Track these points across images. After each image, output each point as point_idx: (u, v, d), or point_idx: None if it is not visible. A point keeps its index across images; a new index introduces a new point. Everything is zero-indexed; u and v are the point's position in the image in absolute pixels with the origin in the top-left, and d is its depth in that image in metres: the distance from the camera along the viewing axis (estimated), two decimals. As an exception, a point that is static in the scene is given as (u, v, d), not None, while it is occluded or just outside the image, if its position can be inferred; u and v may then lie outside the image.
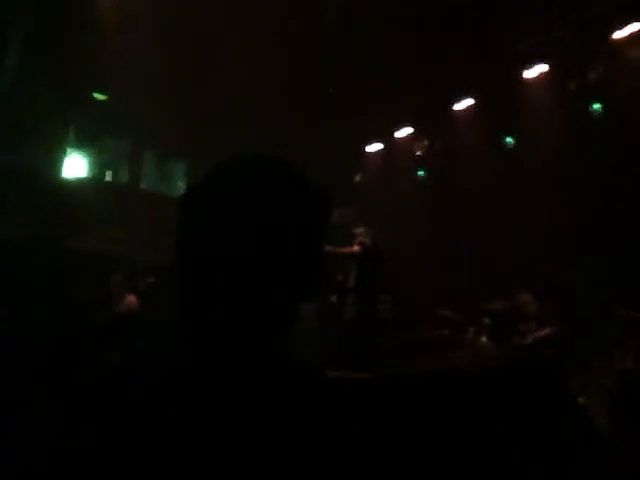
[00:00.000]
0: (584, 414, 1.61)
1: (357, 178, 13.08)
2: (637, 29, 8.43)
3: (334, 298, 8.33)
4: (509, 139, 10.25)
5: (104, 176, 11.34)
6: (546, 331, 6.52)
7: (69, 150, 10.40)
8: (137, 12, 8.73)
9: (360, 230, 7.80)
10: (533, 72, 9.69)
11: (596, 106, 8.87)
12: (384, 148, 12.91)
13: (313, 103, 10.25)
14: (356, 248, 7.64)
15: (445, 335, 7.37)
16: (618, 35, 8.60)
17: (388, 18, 8.65)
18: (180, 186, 12.12)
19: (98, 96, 10.35)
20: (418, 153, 11.88)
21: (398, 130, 12.29)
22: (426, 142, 11.72)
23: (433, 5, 8.37)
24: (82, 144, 10.56)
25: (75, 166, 10.57)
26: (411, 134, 12.16)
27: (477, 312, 7.67)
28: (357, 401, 1.03)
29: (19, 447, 0.90)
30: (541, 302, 7.22)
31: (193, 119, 10.44)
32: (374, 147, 13.08)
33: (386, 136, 12.59)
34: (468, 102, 10.84)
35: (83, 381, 0.95)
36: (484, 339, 6.31)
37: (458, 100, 10.91)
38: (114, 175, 11.55)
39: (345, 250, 7.66)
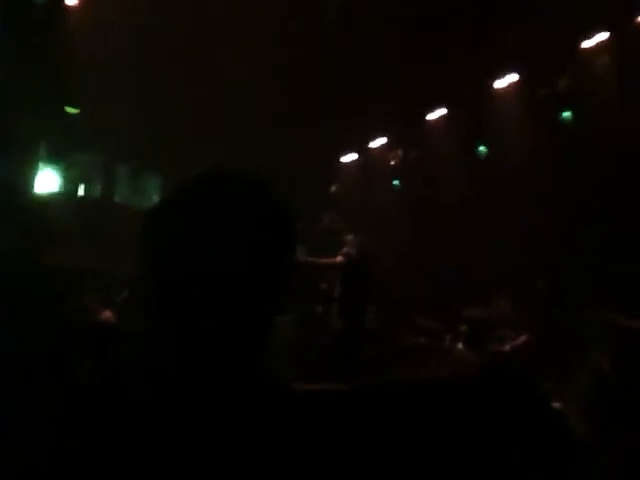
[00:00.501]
0: (560, 420, 1.62)
1: (333, 188, 13.10)
2: (605, 38, 8.61)
3: (320, 308, 8.26)
4: (482, 148, 10.37)
5: (77, 191, 11.23)
6: (523, 338, 6.56)
7: (41, 165, 10.28)
8: (108, 25, 8.68)
9: (349, 237, 7.72)
10: (504, 82, 9.84)
11: (566, 114, 9.03)
12: (359, 158, 12.97)
13: (287, 116, 10.26)
14: (339, 259, 7.55)
15: (422, 343, 7.39)
16: (587, 44, 8.77)
17: (360, 31, 8.71)
18: (155, 199, 12.04)
19: (70, 110, 10.26)
20: (392, 163, 11.96)
21: (373, 140, 12.37)
22: (400, 152, 11.80)
23: (403, 17, 8.44)
24: (54, 159, 10.45)
25: (47, 181, 10.44)
26: (385, 144, 12.24)
27: (455, 320, 7.71)
28: (331, 414, 1.03)
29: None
30: (518, 308, 7.29)
31: (167, 132, 10.40)
32: (349, 157, 13.13)
33: (361, 146, 12.65)
34: (441, 112, 10.95)
35: (67, 391, 0.95)
36: (460, 346, 6.33)
37: (431, 110, 11.03)
38: (87, 189, 11.45)
39: (327, 261, 7.61)
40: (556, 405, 4.19)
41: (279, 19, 8.56)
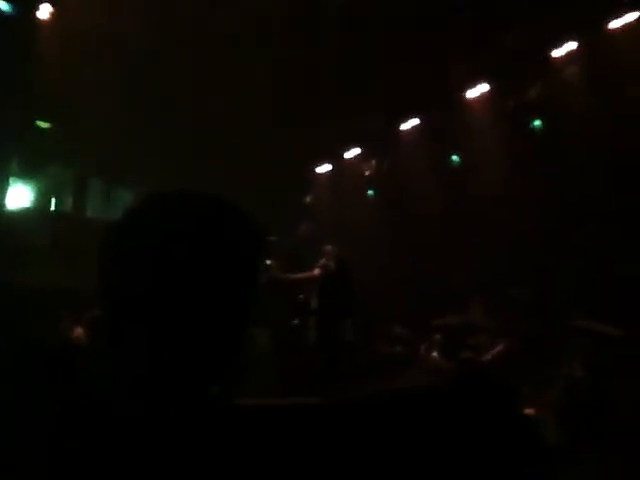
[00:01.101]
0: (530, 427, 1.63)
1: (307, 199, 13.11)
2: (574, 47, 8.75)
3: (296, 321, 8.14)
4: (455, 157, 10.46)
5: (49, 205, 11.10)
6: (499, 347, 6.59)
7: (13, 180, 10.15)
8: (81, 39, 8.61)
9: (328, 248, 7.64)
10: (475, 91, 9.96)
11: (537, 122, 9.15)
12: (333, 169, 13.00)
13: (261, 127, 10.26)
14: (317, 271, 7.46)
15: (397, 353, 7.39)
16: (556, 53, 8.91)
17: (334, 42, 8.75)
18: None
19: (42, 124, 10.15)
20: (367, 173, 12.01)
21: (347, 151, 12.41)
22: (374, 162, 11.86)
23: (375, 26, 8.50)
24: (26, 173, 10.32)
25: (19, 196, 10.31)
26: (359, 154, 12.30)
27: (430, 328, 7.73)
28: (298, 429, 1.02)
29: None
30: (493, 315, 7.33)
31: (140, 146, 10.33)
32: (323, 168, 13.16)
33: (335, 157, 12.69)
34: (414, 122, 11.04)
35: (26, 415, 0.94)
36: (435, 355, 6.35)
37: (404, 120, 11.11)
38: (59, 203, 11.31)
39: (304, 276, 7.51)
40: (530, 411, 4.22)
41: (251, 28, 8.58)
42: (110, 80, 9.14)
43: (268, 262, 6.87)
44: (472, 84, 9.91)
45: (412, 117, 10.99)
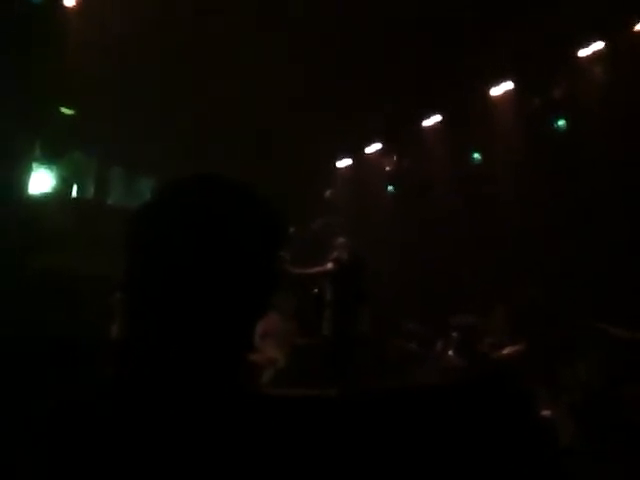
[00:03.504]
0: (546, 428, 1.62)
1: (327, 194, 13.11)
2: (601, 47, 8.66)
3: (312, 313, 8.14)
4: (476, 155, 10.40)
5: (71, 192, 11.19)
6: (515, 347, 6.56)
7: (35, 166, 10.25)
8: (107, 26, 8.66)
9: (341, 241, 7.60)
10: (499, 89, 9.89)
11: (561, 122, 9.07)
12: (354, 164, 12.99)
13: (282, 120, 10.26)
14: (329, 266, 7.42)
15: (413, 349, 7.38)
16: (582, 53, 8.82)
17: (358, 36, 8.72)
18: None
19: (66, 111, 10.23)
20: (387, 169, 11.99)
21: (368, 146, 12.39)
22: (395, 158, 11.83)
23: (399, 22, 8.46)
24: (48, 160, 10.42)
25: (41, 182, 10.41)
26: (380, 150, 12.27)
27: (446, 326, 7.70)
28: (315, 420, 1.02)
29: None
30: (511, 316, 7.29)
31: (163, 134, 10.38)
32: (344, 163, 13.15)
33: (356, 152, 12.67)
34: (436, 119, 10.99)
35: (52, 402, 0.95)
36: (451, 353, 6.33)
37: (426, 116, 11.06)
38: (81, 191, 11.41)
39: (317, 270, 7.47)
40: (546, 413, 4.20)
41: (276, 22, 8.58)
42: (136, 67, 9.18)
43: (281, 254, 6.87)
44: (496, 82, 9.84)
45: (434, 113, 10.94)
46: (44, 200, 10.13)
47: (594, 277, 7.62)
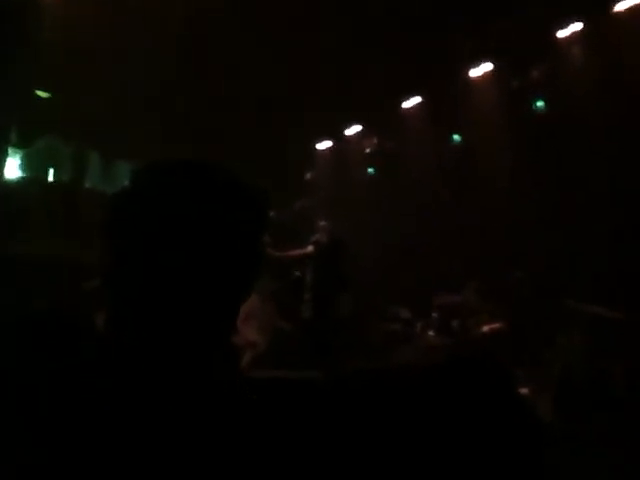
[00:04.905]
0: (526, 406, 1.63)
1: (308, 176, 13.07)
2: (580, 28, 8.67)
3: (291, 296, 8.15)
4: (456, 136, 10.42)
5: (47, 176, 11.05)
6: (494, 325, 6.63)
7: (10, 150, 10.09)
8: (81, 6, 8.50)
9: (321, 224, 7.61)
10: (478, 71, 9.89)
11: (540, 103, 9.10)
12: (334, 146, 12.95)
13: (262, 102, 10.20)
14: (310, 249, 7.44)
15: (395, 331, 7.42)
16: (561, 34, 8.83)
17: (339, 19, 8.65)
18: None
19: (41, 94, 10.07)
20: (367, 150, 11.97)
21: (348, 128, 12.35)
22: (375, 140, 11.81)
23: (379, 4, 8.40)
24: (24, 143, 10.27)
25: (16, 166, 10.27)
26: (360, 132, 12.24)
27: (427, 307, 7.75)
28: (297, 402, 1.02)
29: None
30: (489, 296, 7.36)
31: (140, 119, 10.26)
32: (324, 144, 13.10)
33: (336, 134, 12.63)
34: (416, 100, 10.97)
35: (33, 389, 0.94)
36: (431, 333, 6.39)
37: (406, 98, 11.04)
38: (57, 175, 11.27)
39: (297, 253, 7.48)
40: (525, 391, 4.25)
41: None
42: (113, 51, 9.04)
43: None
44: (476, 63, 9.83)
45: (414, 95, 10.92)
46: (20, 184, 10.00)
47: (576, 257, 7.70)
